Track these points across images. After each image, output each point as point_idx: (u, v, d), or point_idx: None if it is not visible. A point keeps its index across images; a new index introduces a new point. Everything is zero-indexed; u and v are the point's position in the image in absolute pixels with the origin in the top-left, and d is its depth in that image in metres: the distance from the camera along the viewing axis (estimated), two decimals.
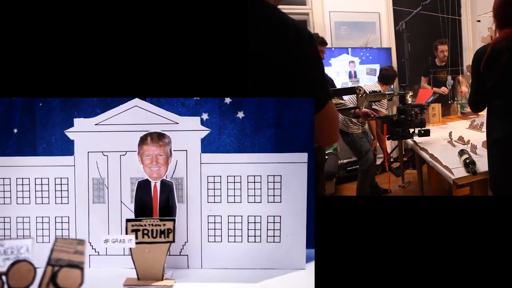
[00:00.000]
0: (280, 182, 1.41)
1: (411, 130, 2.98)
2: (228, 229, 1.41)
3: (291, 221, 1.39)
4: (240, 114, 1.56)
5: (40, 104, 1.54)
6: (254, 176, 1.42)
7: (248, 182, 1.41)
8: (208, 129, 1.45)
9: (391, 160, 4.19)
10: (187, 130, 1.42)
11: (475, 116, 3.92)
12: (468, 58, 5.24)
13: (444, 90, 4.28)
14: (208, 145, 1.57)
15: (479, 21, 4.25)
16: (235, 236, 1.41)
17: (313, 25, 4.68)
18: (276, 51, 0.97)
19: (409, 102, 2.99)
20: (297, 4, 4.68)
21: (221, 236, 1.40)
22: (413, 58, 4.36)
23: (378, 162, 4.25)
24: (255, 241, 1.40)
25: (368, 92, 2.41)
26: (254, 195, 1.41)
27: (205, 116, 1.56)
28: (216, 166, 1.43)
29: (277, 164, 1.42)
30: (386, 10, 4.95)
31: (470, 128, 3.47)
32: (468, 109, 4.23)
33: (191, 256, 1.39)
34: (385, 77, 3.79)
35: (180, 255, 1.39)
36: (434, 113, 3.95)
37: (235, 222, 1.41)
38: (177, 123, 1.40)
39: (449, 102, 4.38)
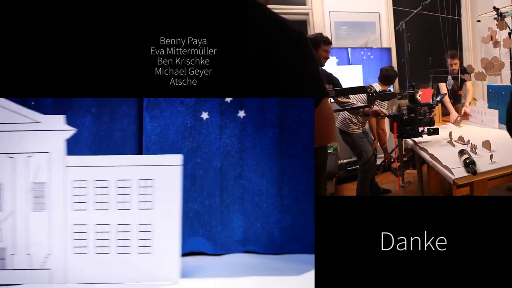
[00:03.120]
0: (152, 187, 1.32)
1: (420, 129, 2.99)
2: (95, 239, 1.30)
3: (164, 230, 1.30)
4: (241, 113, 1.53)
5: (32, 103, 1.52)
6: (124, 180, 1.32)
7: (117, 187, 1.31)
8: (74, 128, 1.35)
9: (392, 160, 4.19)
10: (50, 130, 1.31)
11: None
12: (468, 58, 5.23)
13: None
14: (208, 146, 1.55)
15: (479, 21, 4.24)
16: (102, 247, 1.31)
17: (313, 25, 4.67)
18: (265, 50, 0.97)
19: (419, 101, 3.01)
20: (297, 4, 4.68)
21: (87, 247, 1.30)
22: (413, 58, 4.34)
23: (378, 162, 4.24)
24: (124, 253, 1.31)
25: (378, 92, 2.41)
26: (124, 201, 1.32)
27: (205, 115, 1.54)
28: (82, 170, 1.32)
29: (148, 167, 1.33)
30: (386, 10, 4.95)
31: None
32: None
33: (54, 270, 1.28)
34: (385, 77, 3.78)
35: (41, 269, 1.28)
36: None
37: (102, 232, 1.31)
38: (39, 122, 1.30)
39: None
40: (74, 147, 1.61)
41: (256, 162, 1.64)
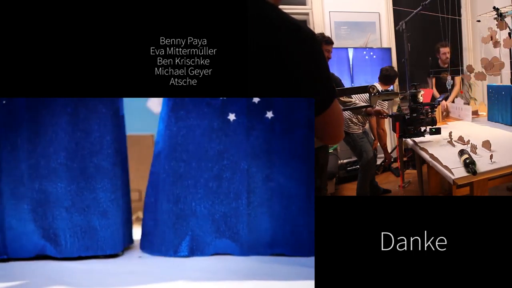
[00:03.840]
0: None
1: (422, 128, 2.99)
2: None
3: None
4: (269, 114, 1.49)
5: (4, 102, 1.47)
6: None
7: None
8: None
9: (392, 160, 4.19)
10: None
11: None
12: (468, 58, 5.23)
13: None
14: (235, 147, 1.50)
15: (479, 21, 4.24)
16: None
17: (313, 25, 4.68)
18: (278, 51, 0.97)
19: (420, 100, 3.01)
20: (297, 4, 4.68)
21: None
22: (413, 58, 4.35)
23: (378, 162, 4.24)
24: None
25: (380, 91, 2.42)
26: None
27: (232, 116, 1.50)
28: None
29: None
30: (386, 10, 4.95)
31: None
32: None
33: None
34: (385, 77, 3.78)
35: None
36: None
37: None
38: None
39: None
40: (49, 147, 1.54)
41: (285, 164, 1.60)
